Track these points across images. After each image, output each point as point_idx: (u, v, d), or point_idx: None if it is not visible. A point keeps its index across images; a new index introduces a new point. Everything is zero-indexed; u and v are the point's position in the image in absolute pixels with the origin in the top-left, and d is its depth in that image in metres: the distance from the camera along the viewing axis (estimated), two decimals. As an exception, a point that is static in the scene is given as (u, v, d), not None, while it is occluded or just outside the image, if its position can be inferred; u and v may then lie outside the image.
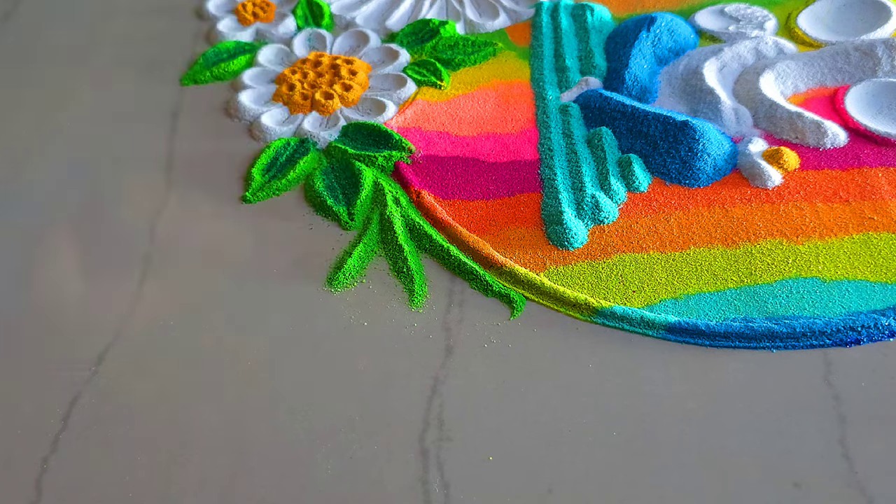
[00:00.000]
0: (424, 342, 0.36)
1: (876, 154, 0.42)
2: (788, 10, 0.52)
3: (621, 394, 0.33)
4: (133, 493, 0.31)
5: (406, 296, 0.38)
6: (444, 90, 0.48)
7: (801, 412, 0.32)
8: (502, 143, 0.45)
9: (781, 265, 0.38)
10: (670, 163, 0.42)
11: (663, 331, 0.35)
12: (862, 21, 0.50)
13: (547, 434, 0.32)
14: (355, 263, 0.39)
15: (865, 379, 0.33)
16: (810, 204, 0.40)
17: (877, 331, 0.35)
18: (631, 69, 0.48)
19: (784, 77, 0.47)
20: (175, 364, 0.35)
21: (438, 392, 0.34)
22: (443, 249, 0.39)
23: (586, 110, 0.46)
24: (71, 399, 0.34)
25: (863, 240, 0.38)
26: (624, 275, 0.38)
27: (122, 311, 0.37)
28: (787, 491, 0.30)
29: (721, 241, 0.39)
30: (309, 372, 0.35)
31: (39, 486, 0.31)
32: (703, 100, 0.46)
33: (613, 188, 0.41)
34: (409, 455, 0.32)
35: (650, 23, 0.50)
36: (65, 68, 0.53)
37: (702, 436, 0.32)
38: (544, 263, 0.38)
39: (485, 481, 0.31)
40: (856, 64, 0.47)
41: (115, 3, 0.59)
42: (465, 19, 0.53)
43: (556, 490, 0.30)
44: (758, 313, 0.36)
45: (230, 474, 0.31)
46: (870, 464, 0.30)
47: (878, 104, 0.45)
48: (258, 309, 0.37)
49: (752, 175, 0.42)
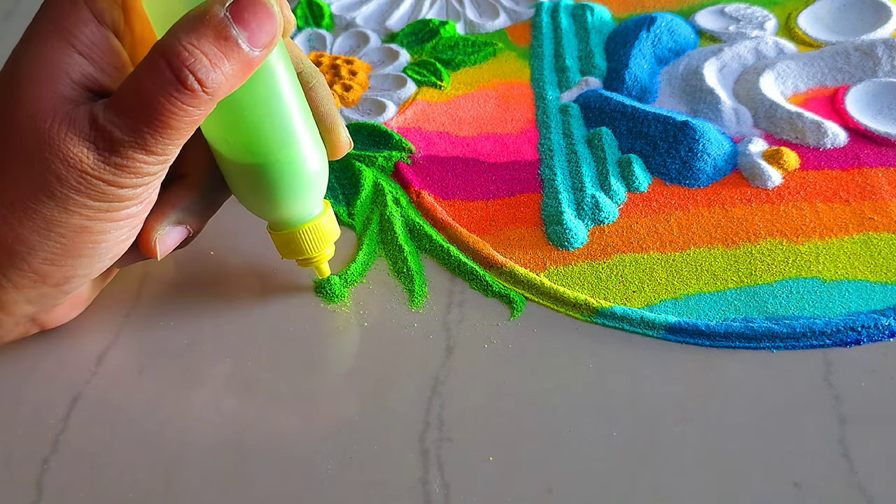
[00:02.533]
0: (424, 342, 0.36)
1: (876, 154, 0.42)
2: (788, 10, 0.52)
3: (621, 394, 0.33)
4: (133, 493, 0.31)
5: (406, 296, 0.38)
6: (444, 90, 0.49)
7: (801, 412, 0.32)
8: (502, 143, 0.45)
9: (781, 265, 0.38)
10: (670, 163, 0.42)
11: (663, 331, 0.35)
12: (862, 21, 0.50)
13: (547, 434, 0.32)
14: (358, 269, 0.39)
15: (865, 379, 0.33)
16: (810, 204, 0.40)
17: (877, 331, 0.35)
18: (631, 69, 0.48)
19: (784, 77, 0.47)
20: (175, 364, 0.35)
21: (438, 392, 0.34)
22: (443, 249, 0.39)
23: (586, 110, 0.46)
24: (71, 399, 0.34)
25: (863, 240, 0.38)
26: (624, 275, 0.38)
27: (122, 311, 0.37)
28: (787, 491, 0.30)
29: (721, 241, 0.39)
30: (308, 372, 0.35)
31: (39, 486, 0.31)
32: (703, 100, 0.46)
33: (613, 188, 0.41)
34: (409, 455, 0.32)
35: (650, 23, 0.50)
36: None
37: (702, 436, 0.32)
38: (544, 263, 0.38)
39: (485, 481, 0.31)
40: (856, 64, 0.47)
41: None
42: (465, 19, 0.53)
43: (556, 490, 0.30)
44: (758, 313, 0.36)
45: (230, 474, 0.31)
46: (870, 464, 0.30)
47: (878, 104, 0.45)
48: (257, 308, 0.37)
49: (752, 175, 0.42)
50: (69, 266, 0.31)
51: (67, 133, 0.28)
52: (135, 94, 0.28)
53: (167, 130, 0.28)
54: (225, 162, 0.33)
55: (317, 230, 0.35)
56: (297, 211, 0.34)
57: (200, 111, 0.29)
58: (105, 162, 0.29)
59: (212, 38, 0.28)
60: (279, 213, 0.34)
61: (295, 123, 0.32)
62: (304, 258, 0.36)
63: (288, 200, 0.34)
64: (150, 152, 0.29)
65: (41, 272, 0.30)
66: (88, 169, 0.29)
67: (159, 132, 0.28)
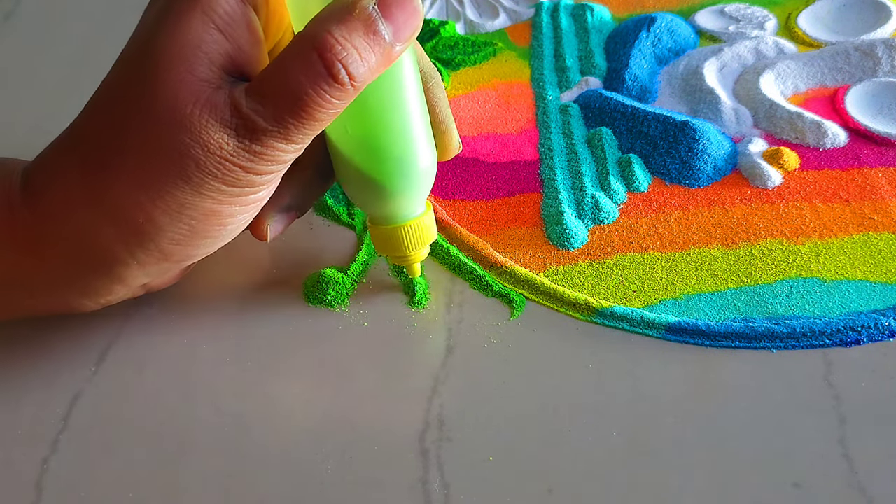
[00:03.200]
0: (424, 342, 0.36)
1: (876, 154, 0.42)
2: (788, 10, 0.52)
3: (621, 394, 0.33)
4: (133, 493, 0.31)
5: (406, 296, 0.38)
6: (445, 90, 0.48)
7: (801, 412, 0.32)
8: (502, 143, 0.45)
9: (781, 265, 0.38)
10: (670, 163, 0.42)
11: (663, 331, 0.35)
12: (862, 21, 0.50)
13: (547, 434, 0.32)
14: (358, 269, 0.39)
15: (865, 379, 0.33)
16: (810, 204, 0.40)
17: (877, 331, 0.35)
18: (631, 69, 0.48)
19: (784, 77, 0.47)
20: (175, 364, 0.35)
21: (438, 392, 0.34)
22: (443, 249, 0.39)
23: (586, 110, 0.46)
24: (71, 399, 0.34)
25: (863, 240, 0.38)
26: (624, 275, 0.38)
27: (122, 311, 0.37)
28: (787, 491, 0.30)
29: (721, 241, 0.39)
30: (308, 372, 0.35)
31: (39, 486, 0.31)
32: (703, 100, 0.46)
33: (613, 188, 0.41)
34: (409, 455, 0.32)
35: (650, 23, 0.50)
36: (66, 69, 0.53)
37: (702, 436, 0.32)
38: (544, 263, 0.38)
39: (485, 481, 0.31)
40: (856, 64, 0.47)
41: (116, 4, 0.59)
42: (465, 19, 0.53)
43: (556, 490, 0.30)
44: (758, 313, 0.36)
45: (230, 474, 0.31)
46: (870, 464, 0.30)
47: (878, 104, 0.45)
48: (257, 308, 0.37)
49: (752, 175, 0.42)
50: (193, 246, 0.31)
51: (209, 119, 0.28)
52: (281, 84, 0.28)
53: (311, 122, 0.29)
54: (339, 151, 0.33)
55: (418, 229, 0.35)
56: (403, 207, 0.34)
57: (344, 103, 0.29)
58: (245, 149, 0.29)
59: (361, 32, 0.28)
60: (386, 207, 0.34)
61: (415, 119, 0.33)
62: (401, 255, 0.36)
63: (397, 196, 0.34)
64: (290, 141, 0.29)
65: (166, 251, 0.31)
66: (228, 155, 0.29)
67: (303, 123, 0.29)
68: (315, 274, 0.38)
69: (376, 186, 0.33)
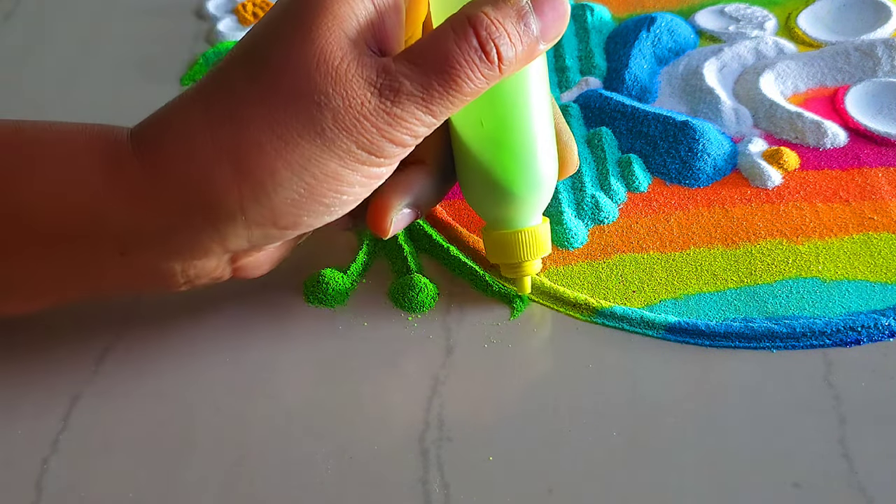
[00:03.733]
0: (424, 342, 0.36)
1: (876, 154, 0.42)
2: (788, 10, 0.52)
3: (621, 394, 0.33)
4: (133, 494, 0.31)
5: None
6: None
7: (801, 412, 0.32)
8: (502, 143, 0.45)
9: (781, 265, 0.38)
10: (670, 163, 0.42)
11: (663, 331, 0.35)
12: (862, 21, 0.50)
13: (547, 434, 0.32)
14: (358, 269, 0.39)
15: (865, 379, 0.33)
16: (810, 204, 0.40)
17: (877, 331, 0.35)
18: (631, 69, 0.48)
19: (784, 77, 0.47)
20: (175, 364, 0.35)
21: (438, 392, 0.34)
22: (443, 249, 0.39)
23: (586, 110, 0.46)
24: (71, 399, 0.34)
25: (863, 240, 0.38)
26: (624, 275, 0.38)
27: (122, 311, 0.37)
28: (787, 491, 0.30)
29: (721, 241, 0.39)
30: (308, 372, 0.35)
31: (39, 486, 0.31)
32: (703, 100, 0.46)
33: (613, 188, 0.41)
34: (409, 455, 0.32)
35: (650, 23, 0.50)
36: (65, 69, 0.53)
37: (702, 436, 0.32)
38: (544, 263, 0.38)
39: (485, 481, 0.31)
40: (856, 64, 0.47)
41: (116, 4, 0.59)
42: (465, 19, 0.53)
43: (556, 490, 0.30)
44: (758, 313, 0.36)
45: (230, 474, 0.31)
46: (870, 464, 0.30)
47: (878, 104, 0.45)
48: (257, 308, 0.37)
49: (752, 175, 0.42)
50: (304, 211, 0.31)
51: (356, 74, 0.29)
52: (433, 51, 0.29)
53: (455, 93, 0.29)
54: (466, 148, 0.33)
55: (534, 237, 0.35)
56: (523, 212, 0.34)
57: (487, 84, 0.30)
58: (385, 111, 0.29)
59: (514, 19, 0.29)
60: (507, 210, 0.34)
61: (547, 124, 0.33)
62: (514, 262, 0.35)
63: (519, 199, 0.33)
64: (430, 111, 0.29)
65: (277, 212, 0.30)
66: (368, 113, 0.29)
67: (448, 92, 0.29)
68: (315, 274, 0.38)
69: (500, 188, 0.33)
